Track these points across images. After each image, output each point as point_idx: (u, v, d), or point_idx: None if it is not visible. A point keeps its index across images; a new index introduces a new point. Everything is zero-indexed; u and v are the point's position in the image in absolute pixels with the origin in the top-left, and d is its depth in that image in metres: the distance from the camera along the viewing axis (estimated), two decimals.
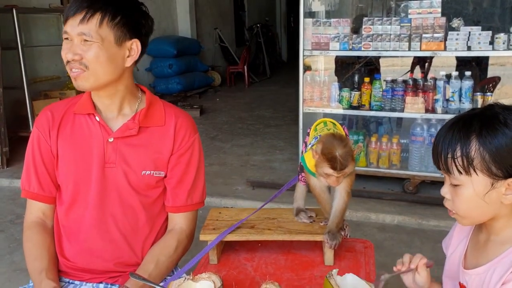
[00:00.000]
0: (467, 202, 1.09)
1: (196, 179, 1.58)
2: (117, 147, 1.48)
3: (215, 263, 1.56)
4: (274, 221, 1.65)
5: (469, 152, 1.05)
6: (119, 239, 1.51)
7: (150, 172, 1.50)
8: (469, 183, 1.07)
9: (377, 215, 3.59)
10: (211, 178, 4.46)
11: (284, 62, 13.46)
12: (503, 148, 1.03)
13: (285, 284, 1.41)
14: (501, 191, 1.06)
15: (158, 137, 1.51)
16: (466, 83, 3.60)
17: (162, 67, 8.15)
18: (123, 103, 1.51)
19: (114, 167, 1.48)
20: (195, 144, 1.57)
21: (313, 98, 4.07)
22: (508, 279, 1.04)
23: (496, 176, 1.04)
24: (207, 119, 7.02)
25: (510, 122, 1.04)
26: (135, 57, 1.45)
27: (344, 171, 1.40)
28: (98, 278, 1.53)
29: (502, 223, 1.11)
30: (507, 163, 1.03)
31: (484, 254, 1.15)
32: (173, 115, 1.55)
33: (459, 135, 1.07)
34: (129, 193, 1.50)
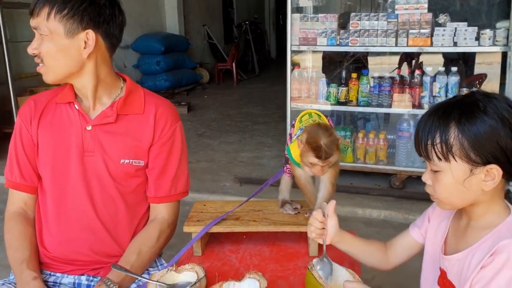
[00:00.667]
0: (447, 187, 1.10)
1: (179, 169, 1.56)
2: (95, 135, 1.47)
3: (199, 255, 1.55)
4: (260, 213, 1.65)
5: (448, 139, 1.06)
6: (100, 229, 1.49)
7: (129, 160, 1.48)
8: (449, 169, 1.08)
9: (364, 210, 3.60)
10: (199, 174, 4.44)
11: (273, 59, 13.46)
12: (481, 136, 1.04)
13: (269, 275, 1.40)
14: (480, 178, 1.07)
15: (136, 125, 1.49)
16: (452, 78, 3.63)
17: (150, 63, 8.09)
18: (98, 93, 1.48)
19: (93, 156, 1.46)
20: (176, 133, 1.55)
21: (300, 94, 4.07)
22: (487, 263, 1.04)
23: (475, 163, 1.05)
24: (195, 116, 7.00)
25: (489, 110, 1.05)
26: (91, 48, 1.40)
27: (328, 160, 1.39)
28: (80, 270, 1.51)
29: (482, 209, 1.12)
30: (486, 150, 1.04)
31: (464, 240, 1.15)
32: (153, 104, 1.53)
33: (439, 122, 1.08)
34: (108, 182, 1.48)
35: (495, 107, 1.05)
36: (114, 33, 1.45)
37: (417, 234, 1.32)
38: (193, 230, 1.55)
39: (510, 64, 3.37)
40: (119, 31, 1.47)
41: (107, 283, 1.36)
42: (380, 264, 1.38)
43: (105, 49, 1.45)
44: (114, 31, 1.45)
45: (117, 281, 1.38)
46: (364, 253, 1.37)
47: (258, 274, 1.28)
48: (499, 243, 1.04)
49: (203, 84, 9.37)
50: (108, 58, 1.48)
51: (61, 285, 1.50)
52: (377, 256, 1.37)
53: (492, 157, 1.05)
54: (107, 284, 1.36)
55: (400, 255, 1.36)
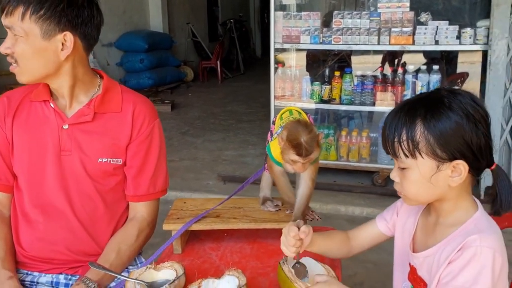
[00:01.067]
0: (415, 184, 1.11)
1: (157, 167, 1.54)
2: (72, 134, 1.44)
3: (179, 252, 1.54)
4: (240, 210, 1.64)
5: (414, 136, 1.06)
6: (78, 228, 1.47)
7: (107, 159, 1.45)
8: (415, 166, 1.08)
9: (346, 208, 3.62)
10: (182, 173, 4.42)
11: (258, 58, 13.43)
12: (447, 132, 1.05)
13: (249, 272, 1.40)
14: (447, 174, 1.07)
15: (115, 124, 1.47)
16: (434, 77, 3.67)
17: (133, 61, 7.99)
18: (74, 91, 1.45)
19: (70, 155, 1.44)
20: (154, 131, 1.52)
21: (284, 92, 4.07)
22: (454, 258, 1.06)
23: (441, 159, 1.06)
24: (178, 114, 6.96)
25: (454, 106, 1.05)
26: (69, 50, 1.36)
27: (309, 157, 1.39)
28: (58, 268, 1.48)
29: (450, 205, 1.13)
30: (452, 146, 1.05)
31: (433, 237, 1.16)
32: (131, 101, 1.50)
33: (405, 119, 1.08)
34: (86, 181, 1.45)
35: (460, 103, 1.06)
36: (92, 34, 1.41)
37: (384, 227, 1.33)
38: (172, 228, 1.54)
39: (490, 62, 3.41)
40: (96, 31, 1.43)
41: (85, 282, 1.34)
42: (343, 255, 1.39)
43: (83, 49, 1.42)
44: (92, 31, 1.41)
45: (96, 280, 1.36)
46: (331, 250, 1.35)
47: (237, 271, 1.27)
48: (467, 238, 1.05)
49: (187, 82, 9.29)
50: (85, 57, 1.45)
51: (38, 284, 1.47)
52: (341, 249, 1.37)
53: (458, 153, 1.05)
54: (85, 283, 1.34)
55: (364, 245, 1.37)
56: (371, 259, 2.88)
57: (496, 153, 3.55)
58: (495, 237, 1.06)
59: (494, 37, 3.42)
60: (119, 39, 8.04)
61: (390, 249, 1.33)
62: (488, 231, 1.07)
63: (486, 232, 1.06)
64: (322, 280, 1.13)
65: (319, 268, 1.28)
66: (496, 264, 1.03)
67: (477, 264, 1.02)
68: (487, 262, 1.02)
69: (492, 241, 1.04)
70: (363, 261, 2.88)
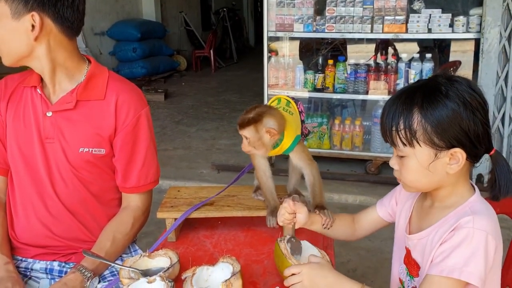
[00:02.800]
0: (413, 172, 1.11)
1: (147, 159, 1.51)
2: (55, 122, 1.42)
3: (173, 240, 1.54)
4: (234, 198, 1.64)
5: (412, 124, 1.06)
6: (66, 215, 1.46)
7: (88, 149, 1.43)
8: (413, 154, 1.09)
9: (340, 196, 3.64)
10: (176, 162, 4.41)
11: (252, 47, 13.38)
12: (444, 120, 1.05)
13: (243, 259, 1.40)
14: (445, 161, 1.08)
15: (97, 112, 1.44)
16: (427, 65, 3.67)
17: (126, 50, 7.94)
18: (55, 77, 1.43)
19: (53, 143, 1.42)
20: (141, 121, 1.48)
21: (278, 81, 4.07)
22: (447, 238, 1.07)
23: (438, 147, 1.06)
24: (172, 103, 6.93)
25: (451, 93, 1.05)
26: (37, 32, 1.33)
27: (244, 132, 1.41)
28: (51, 255, 1.48)
29: (447, 191, 1.14)
30: (449, 134, 1.05)
31: (427, 219, 1.18)
32: (115, 89, 1.46)
33: (402, 107, 1.08)
34: (68, 170, 1.44)
35: (456, 90, 1.06)
36: (66, 15, 1.35)
37: (383, 213, 1.35)
38: (166, 216, 1.54)
39: (483, 50, 3.42)
40: (73, 13, 1.36)
41: (81, 271, 1.34)
42: (347, 237, 1.42)
43: (59, 32, 1.37)
44: (66, 13, 1.35)
45: (91, 268, 1.36)
46: (337, 231, 1.39)
47: (231, 258, 1.28)
48: (461, 220, 1.06)
49: (180, 71, 9.25)
50: (65, 41, 1.39)
51: (33, 270, 1.48)
52: (346, 230, 1.40)
53: (455, 141, 1.06)
54: (81, 272, 1.34)
55: (366, 229, 1.40)
56: (364, 246, 2.91)
57: None
58: (489, 219, 1.06)
59: (487, 25, 3.42)
60: (112, 28, 7.98)
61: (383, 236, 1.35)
62: (482, 213, 1.07)
63: (480, 214, 1.07)
64: (315, 261, 1.15)
65: (315, 251, 1.29)
66: (489, 247, 1.03)
67: (469, 245, 1.02)
68: (479, 244, 1.02)
69: (485, 224, 1.04)
70: (356, 248, 2.91)
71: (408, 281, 1.23)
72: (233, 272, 1.22)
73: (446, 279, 1.03)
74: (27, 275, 1.47)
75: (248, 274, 1.32)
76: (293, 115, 1.54)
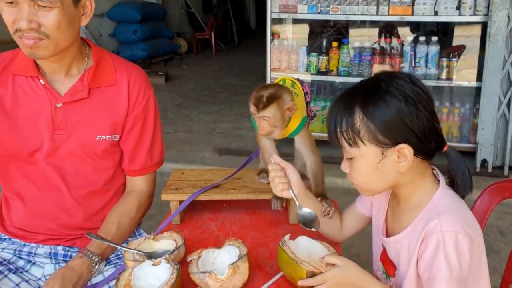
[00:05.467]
0: (363, 173, 1.09)
1: (154, 139, 1.50)
2: (67, 113, 1.37)
3: (178, 223, 1.53)
4: (239, 181, 1.62)
5: (354, 124, 1.04)
6: (73, 205, 1.43)
7: (105, 137, 1.40)
8: (360, 154, 1.06)
9: (343, 180, 3.61)
10: (178, 145, 4.39)
11: (253, 30, 13.24)
12: (386, 117, 1.03)
13: (249, 242, 1.39)
14: (393, 159, 1.05)
15: (111, 98, 1.41)
16: (432, 48, 3.62)
17: (126, 32, 7.85)
18: (72, 64, 1.38)
19: (65, 134, 1.37)
20: (150, 102, 1.47)
21: (281, 64, 4.01)
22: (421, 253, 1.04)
23: (384, 144, 1.04)
24: (173, 86, 6.88)
25: (392, 90, 1.03)
26: (89, 14, 1.33)
27: (264, 113, 1.36)
28: (55, 240, 1.46)
29: (408, 190, 1.12)
30: (393, 131, 1.03)
31: (399, 222, 1.15)
32: (125, 71, 1.43)
33: (344, 107, 1.06)
34: (83, 161, 1.40)
35: (397, 85, 1.04)
36: None
37: (364, 209, 1.32)
38: (171, 199, 1.52)
39: (490, 34, 3.36)
40: None
41: (88, 256, 1.32)
42: (335, 236, 1.36)
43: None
44: None
45: (98, 253, 1.34)
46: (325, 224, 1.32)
47: (238, 241, 1.26)
48: (427, 226, 1.03)
49: (181, 54, 9.18)
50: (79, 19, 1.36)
51: (36, 255, 1.45)
52: (333, 227, 1.35)
53: (401, 137, 1.03)
54: (88, 256, 1.32)
55: (350, 228, 1.36)
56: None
57: (493, 126, 3.54)
58: (455, 216, 1.03)
59: (495, 8, 3.36)
60: (112, 9, 7.87)
61: None
62: (447, 211, 1.04)
63: (446, 213, 1.03)
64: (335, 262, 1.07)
65: (318, 246, 1.23)
66: (462, 246, 1.00)
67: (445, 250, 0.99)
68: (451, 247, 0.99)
69: (453, 223, 1.01)
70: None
71: (384, 279, 1.20)
72: (240, 255, 1.20)
73: None
74: (31, 260, 1.44)
75: (254, 257, 1.30)
76: (298, 96, 1.51)
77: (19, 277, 1.37)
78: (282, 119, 1.39)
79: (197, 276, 1.17)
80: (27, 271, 1.42)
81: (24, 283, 1.37)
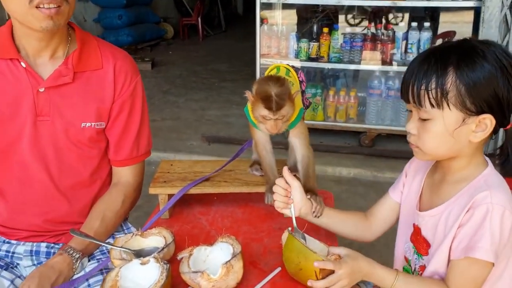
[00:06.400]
0: (435, 137, 1.05)
1: (141, 127, 1.43)
2: (50, 98, 1.29)
3: (167, 218, 1.46)
4: (231, 173, 1.56)
5: (445, 84, 1.00)
6: (57, 198, 1.36)
7: (91, 124, 1.33)
8: (440, 117, 1.02)
9: (333, 169, 3.57)
10: (165, 133, 4.30)
11: (240, 15, 13.10)
12: (480, 82, 0.99)
13: (242, 237, 1.33)
14: (471, 128, 1.03)
15: (96, 83, 1.33)
16: (424, 34, 3.56)
17: (111, 17, 7.69)
18: (58, 47, 1.31)
19: (49, 121, 1.29)
20: (137, 89, 1.40)
21: (270, 50, 3.93)
22: (464, 221, 1.02)
23: (469, 111, 1.01)
24: (159, 72, 6.75)
25: (488, 56, 1.00)
26: None
27: (280, 113, 1.28)
28: (39, 236, 1.39)
29: (463, 163, 1.09)
30: (482, 97, 1.00)
31: (439, 195, 1.12)
32: (110, 55, 1.36)
33: (436, 66, 1.01)
34: (68, 149, 1.33)
35: (494, 53, 1.00)
36: None
37: (397, 194, 1.28)
38: (159, 192, 1.45)
39: (484, 19, 3.31)
40: None
41: (69, 252, 1.25)
42: (363, 234, 1.32)
43: None
44: None
45: (80, 249, 1.27)
46: (341, 222, 1.31)
47: (231, 238, 1.20)
48: (476, 196, 1.01)
49: (167, 39, 9.05)
50: None
51: (15, 254, 1.37)
52: (359, 226, 1.31)
53: (487, 107, 1.00)
54: (69, 253, 1.25)
55: (383, 221, 1.31)
56: None
57: None
58: (505, 194, 1.02)
59: None
60: None
61: None
62: (498, 187, 1.03)
63: (497, 188, 1.02)
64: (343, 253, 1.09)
65: (317, 244, 1.20)
66: (506, 221, 0.99)
67: (491, 222, 0.98)
68: (497, 220, 0.99)
69: (503, 198, 1.01)
70: None
71: (416, 260, 1.17)
72: (234, 253, 1.14)
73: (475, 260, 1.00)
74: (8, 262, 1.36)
75: (248, 254, 1.24)
76: (293, 85, 1.43)
77: (12, 274, 1.32)
78: (291, 114, 1.33)
79: (188, 276, 1.11)
80: (17, 267, 1.36)
81: (18, 279, 1.31)
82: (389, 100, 3.77)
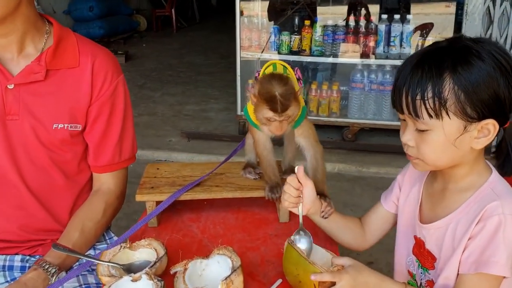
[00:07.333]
0: (436, 148, 0.97)
1: (123, 131, 1.33)
2: (19, 95, 1.20)
3: (155, 225, 1.36)
4: (223, 176, 1.47)
5: (442, 92, 0.92)
6: (32, 203, 1.26)
7: (64, 125, 1.23)
8: (440, 127, 0.94)
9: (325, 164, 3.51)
10: (141, 129, 4.16)
11: (214, 6, 12.95)
12: (479, 85, 0.91)
13: (237, 246, 1.25)
14: (473, 135, 0.95)
15: (72, 82, 1.24)
16: (407, 27, 3.53)
17: (82, 9, 7.49)
18: (25, 41, 1.21)
19: (18, 120, 1.20)
20: (119, 88, 1.30)
21: (251, 42, 3.83)
22: (475, 233, 0.95)
23: (470, 118, 0.93)
24: (133, 66, 6.58)
25: (484, 56, 0.92)
26: None
27: (286, 114, 1.21)
28: (13, 248, 1.28)
29: (465, 170, 1.02)
30: (483, 101, 0.92)
31: (443, 205, 1.05)
32: (89, 53, 1.27)
33: (431, 72, 0.92)
34: (39, 151, 1.23)
35: (489, 52, 0.92)
36: None
37: (390, 205, 1.22)
38: (146, 199, 1.35)
39: (467, 12, 3.30)
40: None
41: (44, 267, 1.15)
42: (358, 241, 1.26)
43: None
44: None
45: (57, 263, 1.17)
46: (343, 228, 1.24)
47: (228, 249, 1.11)
48: (487, 207, 0.94)
49: (140, 32, 8.90)
50: None
51: None
52: (355, 232, 1.25)
53: (489, 111, 0.93)
54: (44, 268, 1.14)
55: (376, 230, 1.25)
56: None
57: None
58: None
59: None
60: None
61: None
62: (508, 196, 0.97)
63: (506, 197, 0.96)
64: (349, 264, 1.00)
65: (322, 252, 1.13)
66: None
67: (504, 234, 0.92)
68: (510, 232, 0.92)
69: None
70: None
71: (421, 274, 1.10)
72: (233, 267, 1.05)
73: (489, 276, 0.93)
74: None
75: (245, 264, 1.15)
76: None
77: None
78: (299, 111, 1.25)
79: None
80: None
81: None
82: (372, 94, 3.74)
